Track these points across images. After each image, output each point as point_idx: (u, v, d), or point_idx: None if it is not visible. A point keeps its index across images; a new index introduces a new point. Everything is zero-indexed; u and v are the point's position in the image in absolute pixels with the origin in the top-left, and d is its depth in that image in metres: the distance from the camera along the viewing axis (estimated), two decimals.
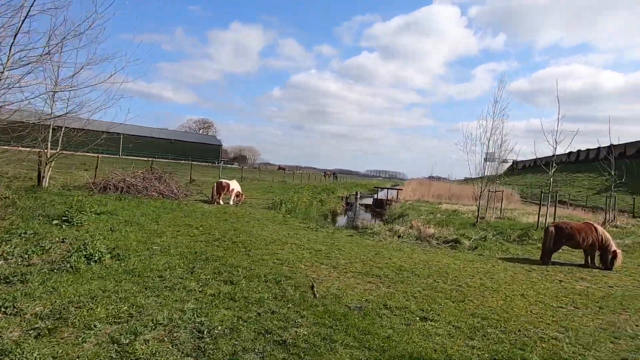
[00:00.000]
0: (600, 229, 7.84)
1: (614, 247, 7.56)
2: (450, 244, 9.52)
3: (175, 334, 3.34)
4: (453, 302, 4.90)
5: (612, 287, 6.44)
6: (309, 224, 11.11)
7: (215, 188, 13.41)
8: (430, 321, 4.16)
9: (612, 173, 17.43)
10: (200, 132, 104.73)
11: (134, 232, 7.10)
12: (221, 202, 13.34)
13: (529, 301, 5.25)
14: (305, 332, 3.61)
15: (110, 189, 11.90)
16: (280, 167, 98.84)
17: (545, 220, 15.81)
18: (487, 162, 13.12)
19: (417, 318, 4.22)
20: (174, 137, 73.48)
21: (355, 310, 4.26)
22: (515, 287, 5.90)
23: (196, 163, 57.78)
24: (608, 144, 23.77)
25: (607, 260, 7.60)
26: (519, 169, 78.02)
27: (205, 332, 3.43)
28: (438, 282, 5.82)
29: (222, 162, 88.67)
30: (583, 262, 8.13)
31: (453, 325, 4.09)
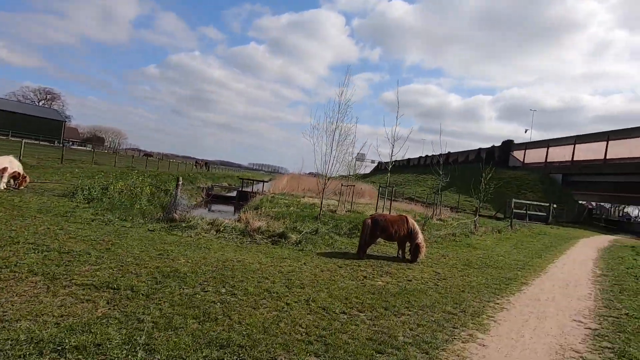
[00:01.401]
0: (411, 220, 7.88)
1: (418, 239, 7.63)
2: (275, 238, 8.47)
3: None
4: (199, 322, 3.50)
5: (411, 280, 6.23)
6: (106, 216, 8.54)
7: None
8: None
9: (440, 173, 20.08)
10: (41, 104, 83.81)
11: None
12: None
13: (311, 308, 4.29)
14: None
15: None
16: (146, 154, 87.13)
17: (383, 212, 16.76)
18: (333, 155, 12.75)
19: None
20: None
21: None
22: (308, 291, 4.97)
23: (21, 140, 45.08)
24: (445, 152, 28.04)
25: (414, 252, 7.64)
26: (382, 169, 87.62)
27: None
28: (208, 291, 4.41)
29: (70, 142, 72.45)
30: (396, 255, 8.09)
31: None
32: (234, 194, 32.54)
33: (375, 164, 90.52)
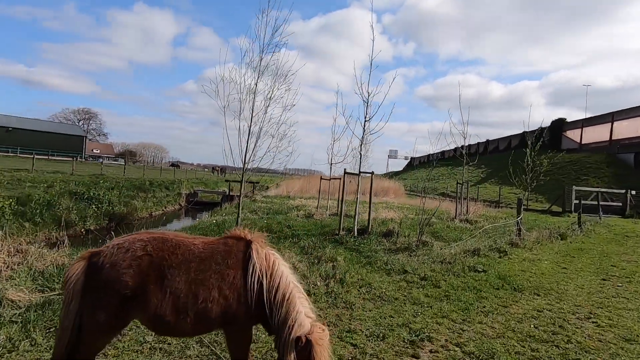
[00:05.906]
0: (259, 258, 2.33)
1: (303, 328, 2.21)
2: None
3: None
4: None
5: None
6: None
7: None
8: None
9: (463, 161, 14.52)
10: (81, 123, 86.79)
11: None
12: None
13: None
14: None
15: None
16: (173, 164, 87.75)
17: (369, 215, 11.46)
18: (263, 108, 7.52)
19: None
20: (9, 124, 57.10)
21: None
22: None
23: (40, 157, 44.42)
24: (484, 140, 21.79)
25: None
26: (416, 164, 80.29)
27: None
28: None
29: (107, 158, 73.28)
30: None
31: None
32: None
33: (408, 160, 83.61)
